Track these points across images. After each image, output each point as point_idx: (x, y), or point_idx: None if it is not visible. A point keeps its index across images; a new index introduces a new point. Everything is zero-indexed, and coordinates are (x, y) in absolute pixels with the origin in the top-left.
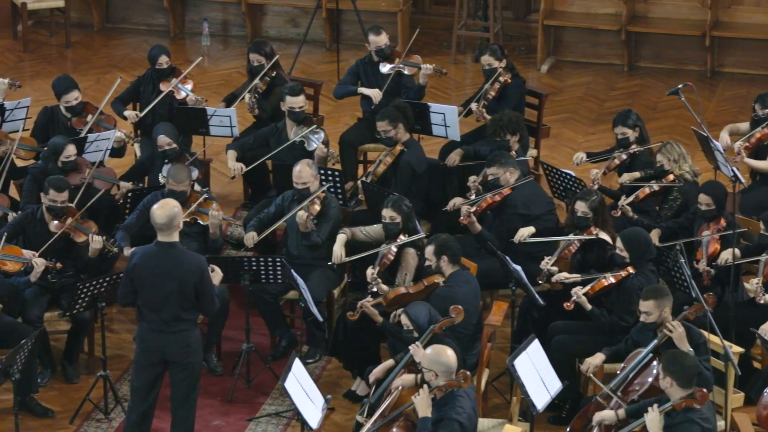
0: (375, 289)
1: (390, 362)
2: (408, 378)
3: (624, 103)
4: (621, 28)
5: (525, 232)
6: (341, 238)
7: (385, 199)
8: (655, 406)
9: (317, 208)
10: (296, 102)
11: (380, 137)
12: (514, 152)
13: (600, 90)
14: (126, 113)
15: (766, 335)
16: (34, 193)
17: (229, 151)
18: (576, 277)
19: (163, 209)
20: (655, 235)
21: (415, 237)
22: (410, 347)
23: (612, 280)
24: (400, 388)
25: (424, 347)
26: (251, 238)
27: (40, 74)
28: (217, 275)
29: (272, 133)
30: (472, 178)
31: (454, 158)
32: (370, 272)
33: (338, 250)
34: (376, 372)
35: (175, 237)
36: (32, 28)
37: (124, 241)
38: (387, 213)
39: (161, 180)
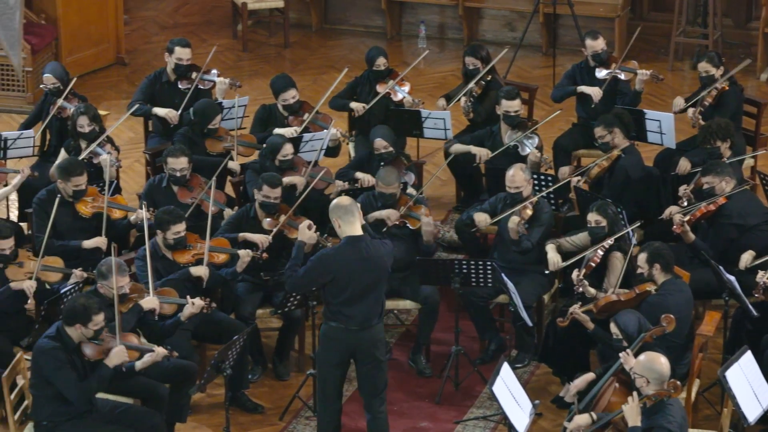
0: (581, 290)
1: (591, 375)
2: (583, 418)
3: None
4: None
5: (748, 257)
6: (552, 246)
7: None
8: None
9: (529, 212)
10: (512, 106)
11: (597, 143)
12: (725, 159)
13: None
14: (353, 105)
15: None
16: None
17: (456, 145)
18: None
19: (341, 199)
20: None
21: (619, 234)
22: (620, 354)
23: None
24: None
25: (635, 355)
26: (484, 220)
27: (259, 74)
28: None
29: (487, 136)
30: (683, 187)
31: (685, 166)
32: (575, 275)
33: (554, 257)
34: (577, 384)
35: (360, 229)
36: (252, 28)
37: None
38: (592, 217)
39: (371, 177)
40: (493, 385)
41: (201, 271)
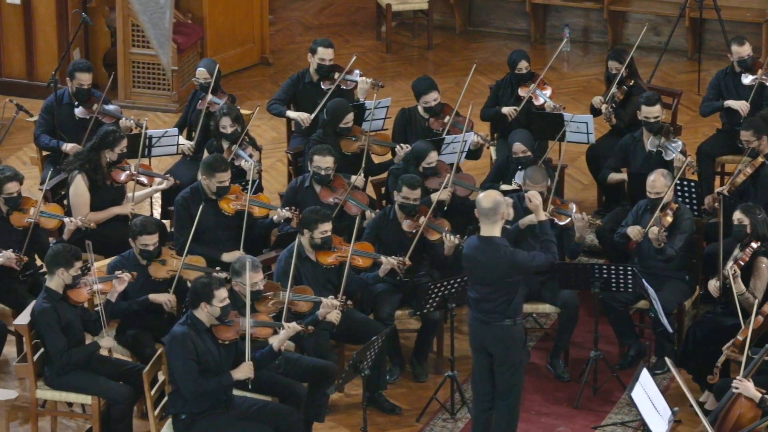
0: (730, 289)
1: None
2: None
3: None
4: None
5: None
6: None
7: None
8: None
9: (669, 219)
10: (651, 112)
11: (742, 146)
12: None
13: None
14: (504, 110)
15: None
16: None
17: (611, 175)
18: None
19: (488, 196)
20: None
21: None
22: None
23: None
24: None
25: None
26: (639, 232)
27: (401, 75)
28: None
29: (630, 143)
30: None
31: None
32: (730, 265)
33: (713, 285)
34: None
35: (496, 231)
36: (395, 29)
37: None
38: (736, 215)
39: (513, 185)
40: (632, 391)
41: (334, 316)
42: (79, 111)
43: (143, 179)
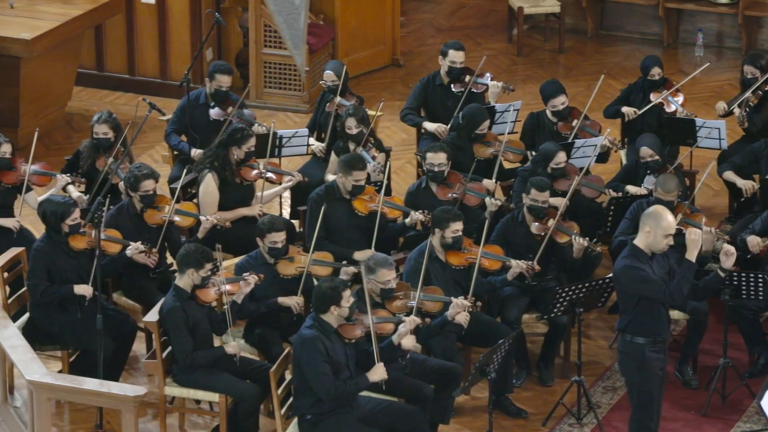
0: None
1: None
2: None
3: None
4: None
5: None
6: None
7: None
8: None
9: None
10: None
11: None
12: None
13: None
14: (624, 109)
15: None
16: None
17: (727, 173)
18: None
19: (656, 208)
20: None
21: None
22: None
23: None
24: None
25: None
26: (757, 244)
27: (532, 78)
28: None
29: (762, 148)
30: None
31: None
32: None
33: None
34: None
35: (638, 239)
36: (527, 32)
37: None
38: None
39: (643, 189)
40: (761, 399)
41: (462, 318)
42: (214, 112)
43: (272, 176)
